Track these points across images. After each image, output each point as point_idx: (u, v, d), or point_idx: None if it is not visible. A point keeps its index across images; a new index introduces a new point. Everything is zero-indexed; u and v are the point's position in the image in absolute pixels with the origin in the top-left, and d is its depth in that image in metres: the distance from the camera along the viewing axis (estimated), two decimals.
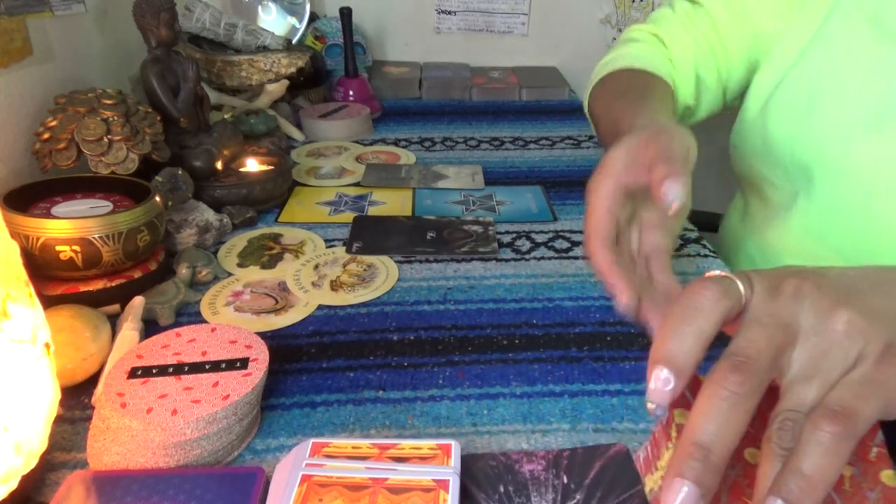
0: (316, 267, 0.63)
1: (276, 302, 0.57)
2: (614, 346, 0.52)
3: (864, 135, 0.57)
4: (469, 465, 0.37)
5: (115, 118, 0.62)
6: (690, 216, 0.75)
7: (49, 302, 0.49)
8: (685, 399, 0.30)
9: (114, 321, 0.51)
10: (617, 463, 0.36)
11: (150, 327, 0.53)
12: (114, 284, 0.54)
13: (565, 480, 0.35)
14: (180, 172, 0.66)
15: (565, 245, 0.68)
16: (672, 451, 0.29)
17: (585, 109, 0.76)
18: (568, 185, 0.83)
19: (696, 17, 0.72)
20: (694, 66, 0.71)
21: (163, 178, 0.64)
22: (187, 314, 0.56)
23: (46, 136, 0.60)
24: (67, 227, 0.51)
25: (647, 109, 0.57)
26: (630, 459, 0.36)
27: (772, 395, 0.28)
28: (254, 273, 0.62)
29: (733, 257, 0.74)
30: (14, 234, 0.49)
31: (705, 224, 0.84)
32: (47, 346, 0.35)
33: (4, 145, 0.63)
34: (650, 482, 0.30)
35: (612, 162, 0.43)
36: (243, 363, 0.42)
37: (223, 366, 0.42)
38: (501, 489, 0.36)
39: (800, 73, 0.63)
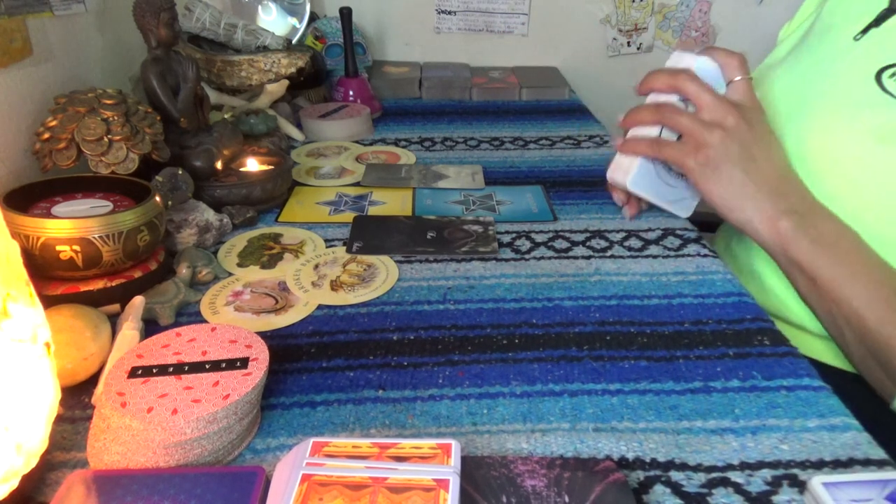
0: (316, 267, 0.63)
1: (276, 302, 0.57)
2: (614, 346, 0.52)
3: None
4: (471, 471, 0.37)
5: (115, 118, 0.62)
6: (691, 216, 0.75)
7: (49, 302, 0.49)
8: None
9: (114, 321, 0.51)
10: (617, 488, 0.36)
11: (151, 327, 0.53)
12: (114, 284, 0.54)
13: (567, 500, 0.36)
14: (180, 172, 0.66)
15: (565, 245, 0.68)
16: None
17: None
18: (568, 185, 0.83)
19: None
20: None
21: (163, 178, 0.64)
22: (187, 314, 0.56)
23: (46, 136, 0.60)
24: (67, 226, 0.51)
25: None
26: (628, 491, 0.36)
27: None
28: (254, 273, 0.62)
29: (723, 256, 0.75)
30: (14, 234, 0.49)
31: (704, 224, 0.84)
32: (48, 345, 0.35)
33: (4, 145, 0.63)
34: None
35: None
36: (243, 363, 0.42)
37: (223, 365, 0.42)
38: (504, 499, 0.36)
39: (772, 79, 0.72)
